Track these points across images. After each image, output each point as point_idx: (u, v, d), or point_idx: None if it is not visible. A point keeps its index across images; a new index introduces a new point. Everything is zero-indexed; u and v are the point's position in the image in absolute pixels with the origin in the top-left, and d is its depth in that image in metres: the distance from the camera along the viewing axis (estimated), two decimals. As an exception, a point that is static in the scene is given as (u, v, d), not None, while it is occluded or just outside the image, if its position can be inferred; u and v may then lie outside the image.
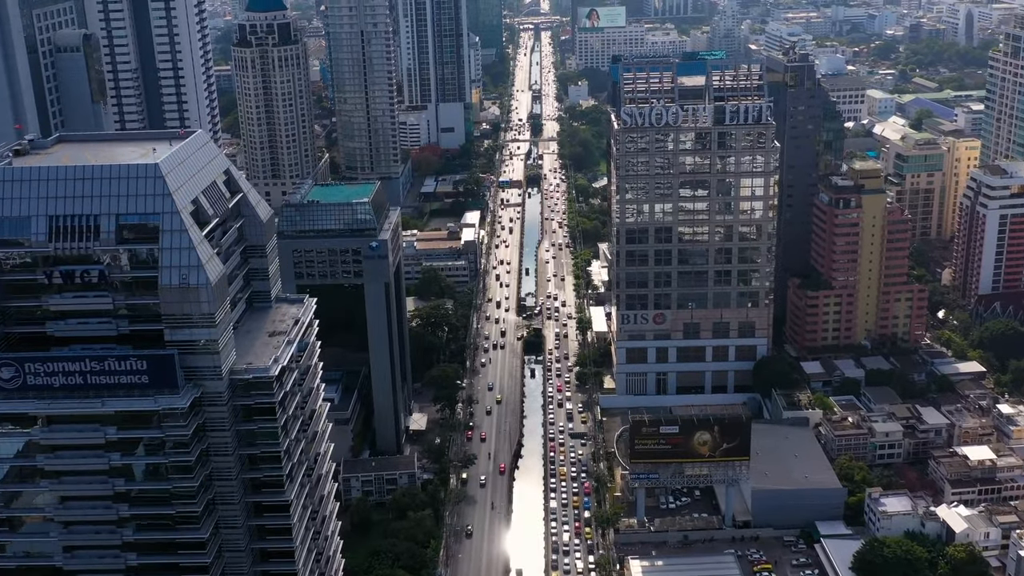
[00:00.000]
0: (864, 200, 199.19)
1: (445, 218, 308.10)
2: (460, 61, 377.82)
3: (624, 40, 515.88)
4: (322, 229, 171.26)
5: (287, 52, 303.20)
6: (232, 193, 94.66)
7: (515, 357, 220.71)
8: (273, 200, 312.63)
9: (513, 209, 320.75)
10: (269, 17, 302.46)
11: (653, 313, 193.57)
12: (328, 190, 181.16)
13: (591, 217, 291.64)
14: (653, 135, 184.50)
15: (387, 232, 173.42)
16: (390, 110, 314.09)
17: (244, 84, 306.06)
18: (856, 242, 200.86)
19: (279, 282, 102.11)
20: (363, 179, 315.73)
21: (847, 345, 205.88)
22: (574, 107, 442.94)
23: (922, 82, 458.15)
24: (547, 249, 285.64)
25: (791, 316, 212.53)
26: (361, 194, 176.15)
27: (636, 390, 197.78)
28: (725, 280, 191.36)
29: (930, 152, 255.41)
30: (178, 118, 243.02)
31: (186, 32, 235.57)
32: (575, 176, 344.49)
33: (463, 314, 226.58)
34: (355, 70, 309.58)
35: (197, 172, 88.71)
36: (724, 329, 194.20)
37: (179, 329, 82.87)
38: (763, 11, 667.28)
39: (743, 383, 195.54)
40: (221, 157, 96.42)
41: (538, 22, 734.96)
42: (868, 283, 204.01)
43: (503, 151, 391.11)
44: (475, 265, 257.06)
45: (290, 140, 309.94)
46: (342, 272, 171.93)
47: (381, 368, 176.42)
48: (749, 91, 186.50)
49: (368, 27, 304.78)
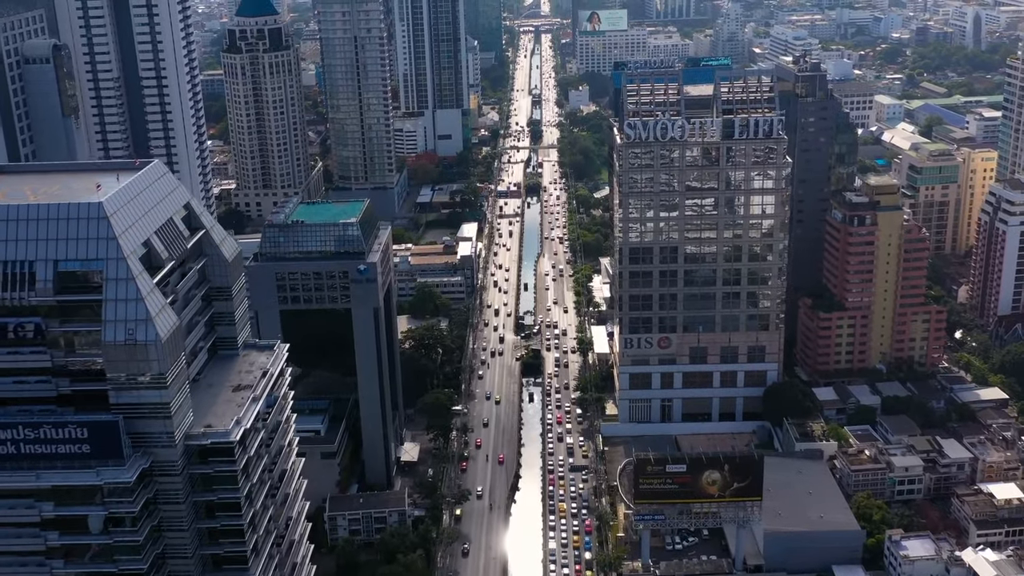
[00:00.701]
0: (880, 217, 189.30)
1: (441, 229, 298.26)
2: (457, 66, 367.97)
3: (626, 44, 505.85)
4: (307, 251, 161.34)
5: (278, 58, 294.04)
6: (193, 230, 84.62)
7: (512, 380, 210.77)
8: (263, 210, 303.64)
9: (511, 220, 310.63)
10: (260, 22, 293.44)
11: (658, 337, 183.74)
12: (314, 208, 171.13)
13: (592, 229, 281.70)
14: (658, 150, 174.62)
15: (376, 254, 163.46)
16: (385, 118, 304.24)
17: (234, 91, 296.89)
18: (871, 261, 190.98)
19: (248, 326, 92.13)
20: (357, 189, 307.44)
21: (861, 369, 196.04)
22: (575, 112, 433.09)
23: (930, 87, 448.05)
24: (547, 263, 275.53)
25: (802, 338, 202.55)
26: (349, 213, 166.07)
27: (640, 417, 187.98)
28: (734, 302, 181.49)
29: (945, 164, 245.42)
30: (162, 128, 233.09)
31: (170, 39, 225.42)
32: (576, 186, 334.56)
33: (458, 335, 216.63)
34: (348, 77, 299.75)
35: (150, 209, 78.78)
36: (732, 354, 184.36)
37: (126, 391, 73.06)
38: (767, 13, 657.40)
39: (752, 410, 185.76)
40: (181, 190, 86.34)
41: (538, 24, 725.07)
42: (883, 304, 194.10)
43: (502, 159, 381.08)
44: (471, 281, 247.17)
45: (281, 149, 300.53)
46: (328, 296, 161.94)
47: (370, 398, 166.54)
48: (759, 103, 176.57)
49: (362, 32, 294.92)
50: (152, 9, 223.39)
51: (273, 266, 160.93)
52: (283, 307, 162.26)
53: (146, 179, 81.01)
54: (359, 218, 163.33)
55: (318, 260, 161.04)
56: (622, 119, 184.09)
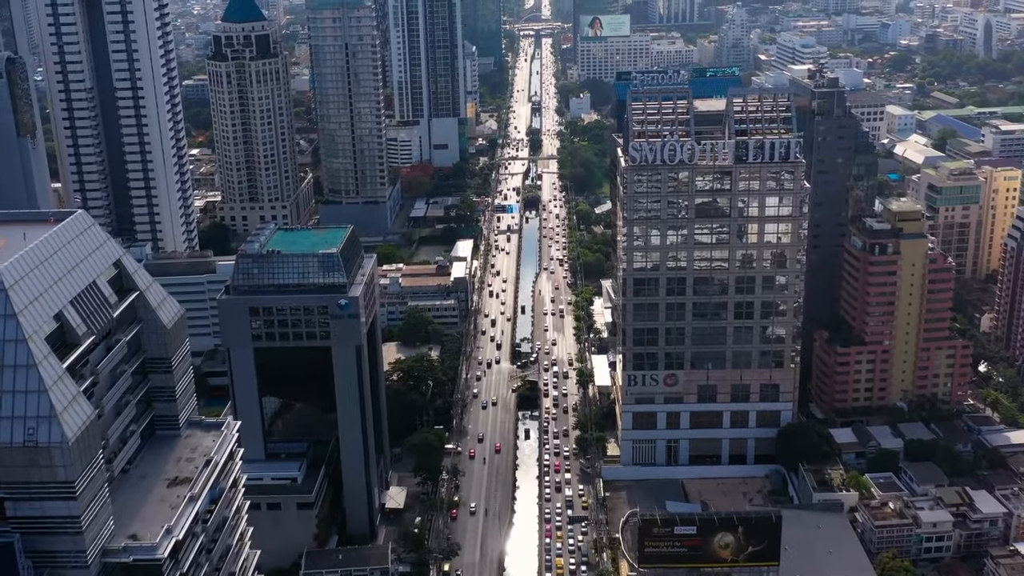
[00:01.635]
0: (903, 246, 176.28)
1: (436, 246, 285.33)
2: (454, 73, 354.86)
3: (628, 50, 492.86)
4: (283, 283, 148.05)
5: (266, 66, 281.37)
6: (123, 292, 71.36)
7: (508, 413, 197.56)
8: (250, 224, 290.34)
9: (509, 236, 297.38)
10: (246, 28, 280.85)
11: (664, 374, 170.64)
12: (293, 236, 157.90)
13: (593, 248, 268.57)
14: (666, 173, 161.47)
15: (359, 286, 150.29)
16: (377, 129, 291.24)
17: (219, 100, 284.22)
18: (893, 293, 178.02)
19: (192, 401, 78.84)
20: (348, 203, 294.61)
21: (881, 407, 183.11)
22: (575, 121, 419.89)
23: (942, 96, 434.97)
24: (545, 283, 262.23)
25: (817, 372, 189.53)
26: (330, 242, 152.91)
27: (643, 459, 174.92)
28: (746, 337, 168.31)
29: (966, 183, 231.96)
30: (137, 142, 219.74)
31: (146, 48, 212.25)
32: (576, 200, 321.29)
33: (451, 365, 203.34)
34: (339, 86, 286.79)
35: (66, 274, 65.67)
36: (744, 392, 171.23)
37: (25, 501, 59.93)
38: (771, 19, 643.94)
39: (765, 452, 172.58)
40: (109, 246, 73.11)
41: (539, 28, 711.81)
42: (905, 338, 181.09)
43: (499, 170, 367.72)
44: (466, 304, 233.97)
45: (268, 161, 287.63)
46: (307, 333, 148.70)
47: (352, 443, 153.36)
48: (775, 122, 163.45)
49: (353, 40, 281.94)
50: (127, 15, 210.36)
51: (246, 300, 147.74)
52: (257, 344, 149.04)
53: (62, 237, 67.65)
54: (340, 247, 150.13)
55: (295, 293, 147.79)
56: (627, 137, 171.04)
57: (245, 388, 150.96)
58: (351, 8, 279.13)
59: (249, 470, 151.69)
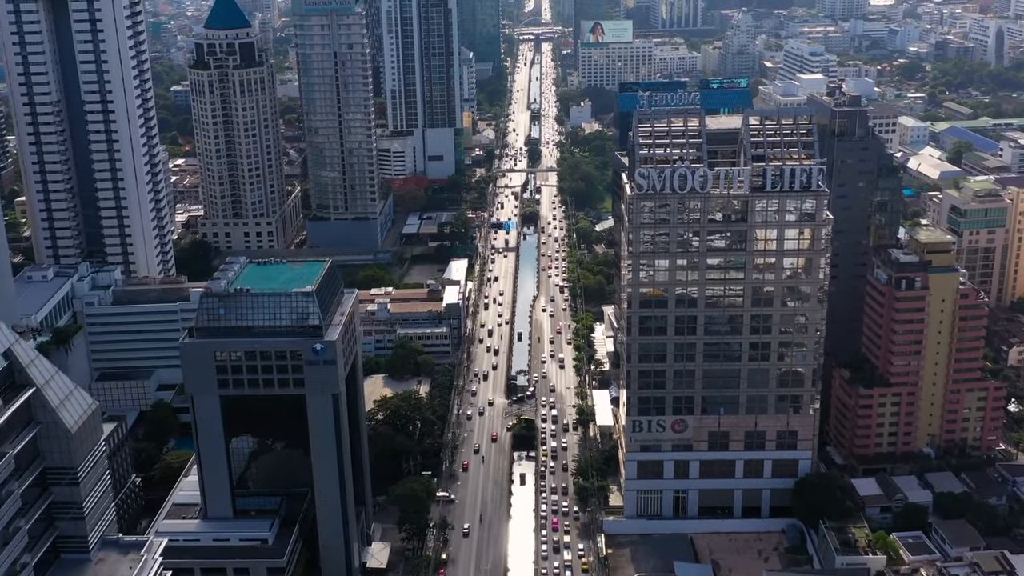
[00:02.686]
0: (932, 280, 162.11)
1: (428, 265, 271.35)
2: (450, 82, 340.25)
3: (630, 56, 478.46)
4: (252, 326, 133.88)
5: (250, 75, 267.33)
6: (14, 389, 57.11)
7: (502, 456, 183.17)
8: (233, 241, 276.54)
9: (506, 255, 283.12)
10: (230, 35, 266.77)
11: (671, 420, 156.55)
12: (264, 271, 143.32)
13: (594, 270, 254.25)
14: (675, 202, 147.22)
15: (337, 328, 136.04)
16: (367, 142, 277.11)
17: (201, 110, 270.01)
18: (920, 330, 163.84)
19: (109, 515, 64.67)
20: (336, 219, 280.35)
21: (905, 453, 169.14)
22: (576, 131, 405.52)
23: (954, 107, 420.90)
24: (544, 306, 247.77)
25: (836, 414, 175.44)
26: (305, 278, 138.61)
27: (649, 511, 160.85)
28: (762, 381, 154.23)
29: (992, 205, 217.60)
30: (107, 159, 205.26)
31: (116, 58, 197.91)
32: (576, 215, 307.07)
33: (441, 402, 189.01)
34: (328, 96, 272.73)
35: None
36: (759, 440, 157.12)
37: None
38: (776, 24, 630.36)
39: (781, 505, 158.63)
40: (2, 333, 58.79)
41: (539, 32, 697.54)
42: (933, 379, 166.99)
43: (497, 182, 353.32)
44: (459, 332, 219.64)
45: (253, 175, 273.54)
46: (278, 380, 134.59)
47: (329, 498, 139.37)
48: (796, 146, 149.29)
49: (343, 48, 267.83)
50: (96, 23, 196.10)
51: (211, 344, 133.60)
52: (223, 392, 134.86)
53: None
54: (316, 285, 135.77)
55: (266, 336, 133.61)
56: (633, 161, 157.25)
57: (210, 439, 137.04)
58: (340, 15, 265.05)
59: (215, 530, 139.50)
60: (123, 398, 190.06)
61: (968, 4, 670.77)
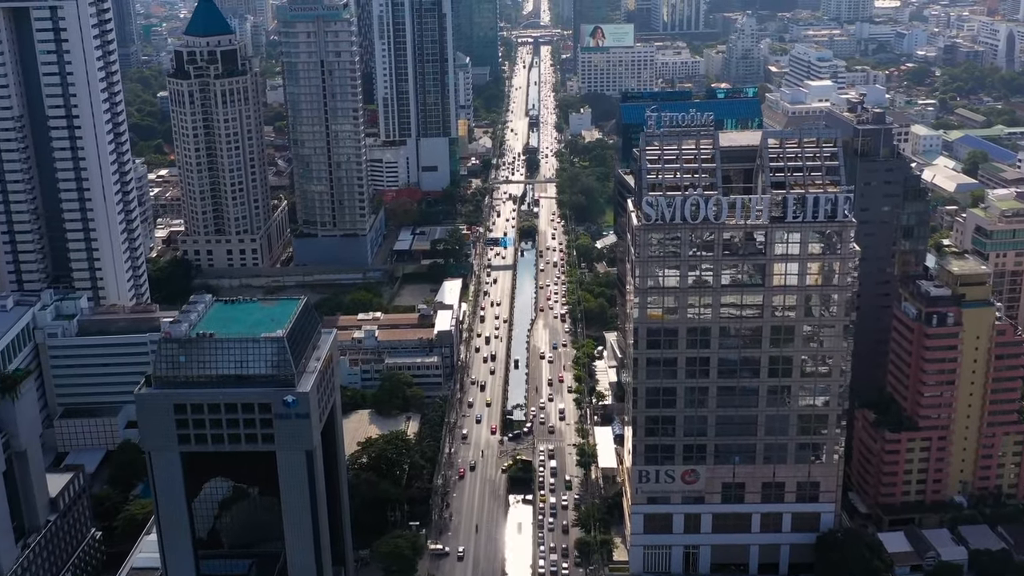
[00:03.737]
0: (965, 316, 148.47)
1: (420, 285, 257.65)
2: (444, 89, 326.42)
3: (631, 61, 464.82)
4: (216, 375, 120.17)
5: (233, 85, 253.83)
6: None
7: (497, 501, 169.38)
8: (216, 260, 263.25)
9: (502, 273, 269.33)
10: (211, 42, 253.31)
11: (682, 469, 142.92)
12: (232, 311, 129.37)
13: (595, 292, 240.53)
14: (686, 234, 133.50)
15: (311, 376, 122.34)
16: (356, 155, 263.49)
17: (181, 122, 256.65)
18: (953, 370, 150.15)
19: None
20: (324, 236, 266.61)
21: (935, 502, 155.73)
22: (576, 140, 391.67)
23: (966, 114, 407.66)
24: (542, 333, 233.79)
25: (859, 458, 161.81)
26: (277, 319, 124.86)
27: (657, 567, 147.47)
28: (781, 427, 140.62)
29: (1021, 226, 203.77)
30: (74, 177, 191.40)
31: (83, 71, 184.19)
32: (576, 230, 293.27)
33: (431, 443, 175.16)
34: (314, 106, 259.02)
35: None
36: (777, 491, 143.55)
37: None
38: (780, 27, 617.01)
39: (801, 561, 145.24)
40: None
41: (538, 35, 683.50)
42: (966, 422, 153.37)
43: (493, 194, 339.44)
44: (451, 361, 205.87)
45: (236, 189, 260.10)
46: (245, 435, 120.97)
47: (302, 566, 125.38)
48: (819, 171, 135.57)
49: (330, 56, 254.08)
50: (60, 34, 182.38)
51: (171, 395, 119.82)
52: (184, 448, 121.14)
53: None
54: (288, 329, 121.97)
55: (231, 387, 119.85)
56: (640, 184, 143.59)
57: (170, 500, 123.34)
58: (327, 21, 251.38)
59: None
60: (88, 436, 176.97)
61: (975, 6, 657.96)
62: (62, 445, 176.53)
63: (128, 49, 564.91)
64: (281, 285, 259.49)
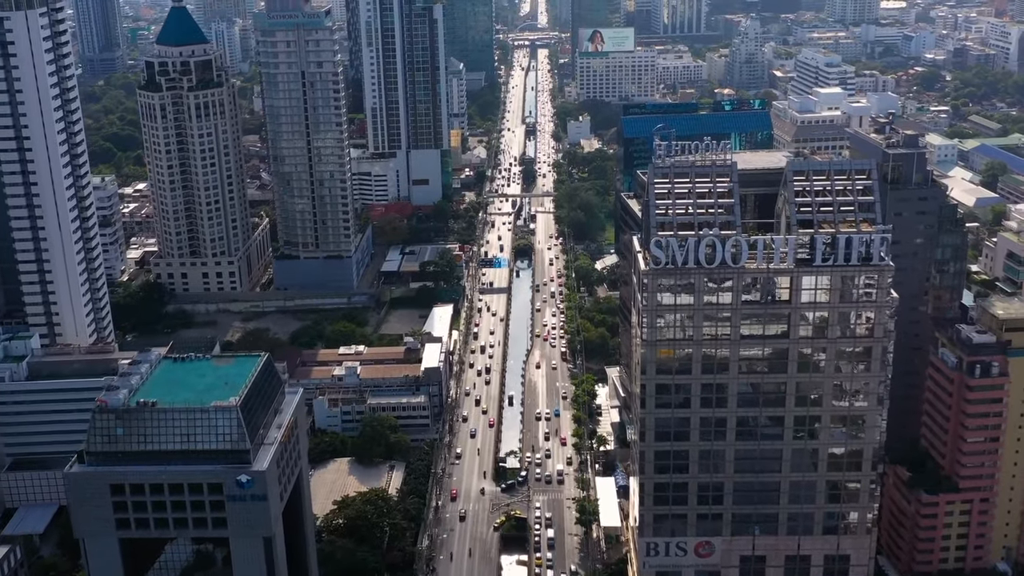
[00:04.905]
0: (1012, 365, 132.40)
1: (409, 310, 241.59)
2: (436, 99, 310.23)
3: (632, 65, 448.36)
4: (158, 450, 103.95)
5: (208, 97, 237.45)
6: None
7: (488, 565, 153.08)
8: (190, 283, 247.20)
9: (496, 297, 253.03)
10: (185, 52, 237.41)
11: (695, 542, 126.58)
12: (181, 371, 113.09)
13: (596, 320, 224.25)
14: (701, 280, 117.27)
15: (271, 449, 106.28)
16: (340, 172, 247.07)
17: (153, 137, 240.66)
18: (998, 425, 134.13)
19: None
20: (306, 257, 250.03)
21: (976, 570, 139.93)
22: (574, 150, 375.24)
23: (980, 121, 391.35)
24: (538, 364, 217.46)
25: (890, 519, 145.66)
26: (233, 382, 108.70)
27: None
28: (807, 495, 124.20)
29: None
30: (25, 204, 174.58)
31: (32, 88, 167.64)
32: (575, 249, 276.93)
33: (415, 501, 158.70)
34: (295, 121, 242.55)
35: None
36: (803, 566, 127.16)
37: None
38: (783, 28, 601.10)
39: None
40: None
41: (535, 38, 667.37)
42: (1011, 482, 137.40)
43: (487, 209, 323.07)
44: (439, 400, 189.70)
45: (213, 208, 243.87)
46: (193, 519, 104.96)
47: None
48: (851, 206, 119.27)
49: (311, 67, 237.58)
50: (7, 48, 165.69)
51: (107, 473, 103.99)
52: (124, 534, 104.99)
53: None
54: (243, 395, 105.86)
55: (177, 464, 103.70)
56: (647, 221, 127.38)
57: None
58: (308, 29, 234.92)
59: None
60: (38, 491, 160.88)
61: (983, 7, 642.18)
62: (10, 500, 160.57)
63: (113, 54, 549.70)
64: (260, 311, 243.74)
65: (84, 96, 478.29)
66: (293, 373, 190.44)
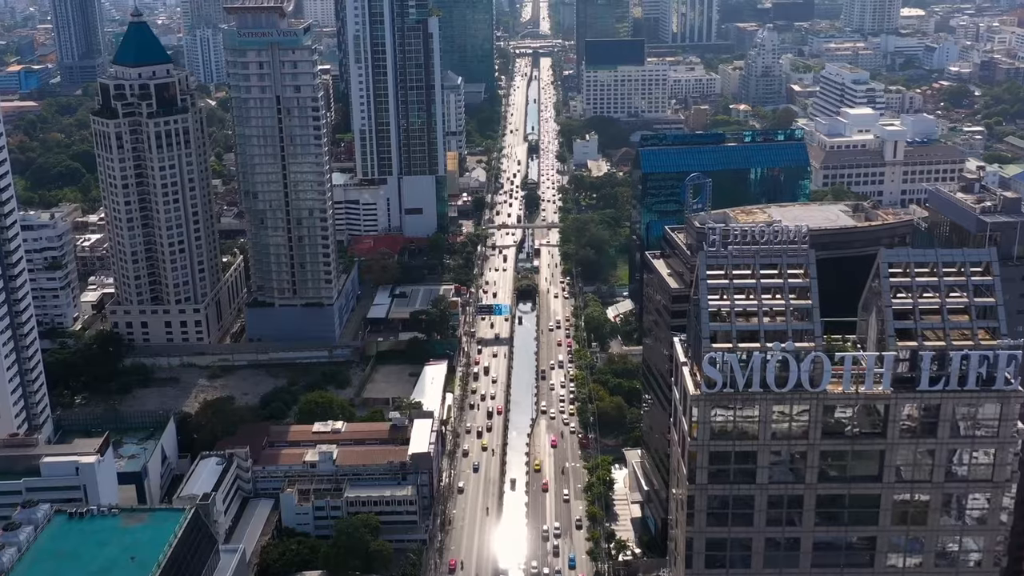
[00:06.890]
0: None
1: (398, 366, 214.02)
2: (431, 121, 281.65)
3: (642, 79, 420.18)
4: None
5: (170, 125, 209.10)
6: None
7: None
8: (151, 333, 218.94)
9: (496, 350, 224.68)
10: (144, 74, 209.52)
11: None
12: (75, 538, 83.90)
13: (610, 383, 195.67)
14: (767, 407, 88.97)
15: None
16: (321, 210, 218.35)
17: (108, 170, 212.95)
18: None
19: None
20: (281, 305, 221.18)
21: None
22: (581, 173, 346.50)
23: (1017, 143, 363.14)
24: (544, 439, 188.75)
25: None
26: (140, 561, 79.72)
27: None
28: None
29: None
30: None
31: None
32: (584, 293, 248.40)
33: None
34: (269, 153, 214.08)
35: None
36: None
37: None
38: (798, 38, 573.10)
39: None
40: None
41: (537, 46, 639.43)
42: None
43: (487, 241, 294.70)
44: (429, 491, 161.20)
45: (176, 250, 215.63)
46: None
47: None
48: (966, 312, 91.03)
49: (287, 91, 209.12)
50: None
51: None
52: None
53: None
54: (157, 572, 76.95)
55: None
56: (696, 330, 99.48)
57: None
58: (284, 48, 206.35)
59: None
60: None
61: (1005, 16, 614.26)
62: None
63: (94, 61, 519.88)
64: (230, 365, 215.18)
65: (59, 108, 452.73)
66: (259, 458, 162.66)
